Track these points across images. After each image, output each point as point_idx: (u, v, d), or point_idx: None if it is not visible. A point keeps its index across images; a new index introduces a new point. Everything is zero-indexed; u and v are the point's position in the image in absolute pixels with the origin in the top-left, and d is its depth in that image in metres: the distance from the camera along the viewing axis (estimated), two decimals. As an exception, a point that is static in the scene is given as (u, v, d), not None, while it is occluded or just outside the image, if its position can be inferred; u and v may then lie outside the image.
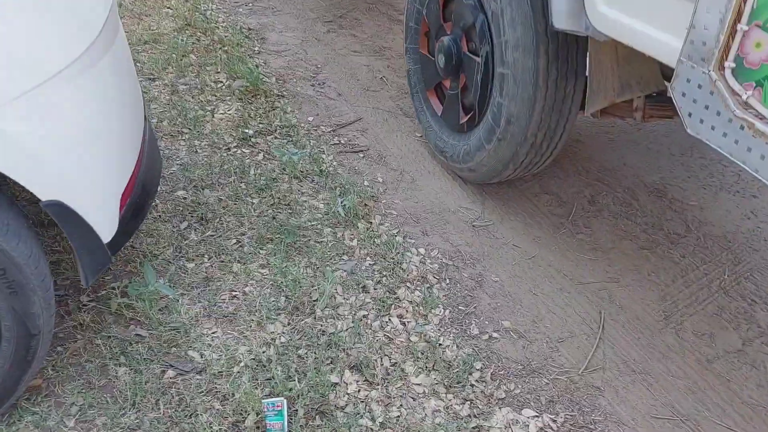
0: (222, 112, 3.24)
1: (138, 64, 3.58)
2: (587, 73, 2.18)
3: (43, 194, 1.46)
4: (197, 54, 3.76)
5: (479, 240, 2.52)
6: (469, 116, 2.59)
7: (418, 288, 2.23)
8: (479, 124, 2.51)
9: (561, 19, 2.00)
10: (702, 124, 1.57)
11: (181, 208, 2.53)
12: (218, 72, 3.60)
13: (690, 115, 1.59)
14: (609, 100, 2.28)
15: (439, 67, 2.71)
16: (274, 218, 2.53)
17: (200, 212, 2.52)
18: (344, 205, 2.52)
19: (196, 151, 2.93)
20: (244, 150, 2.96)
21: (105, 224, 1.61)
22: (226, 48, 3.83)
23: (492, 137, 2.41)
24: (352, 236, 2.46)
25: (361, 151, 3.03)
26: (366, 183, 2.80)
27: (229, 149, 2.96)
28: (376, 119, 3.29)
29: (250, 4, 4.56)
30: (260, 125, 3.13)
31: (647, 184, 2.88)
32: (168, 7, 4.33)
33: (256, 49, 3.91)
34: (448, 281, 2.30)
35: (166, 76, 3.52)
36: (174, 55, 3.70)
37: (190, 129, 3.08)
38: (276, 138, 3.05)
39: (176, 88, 3.40)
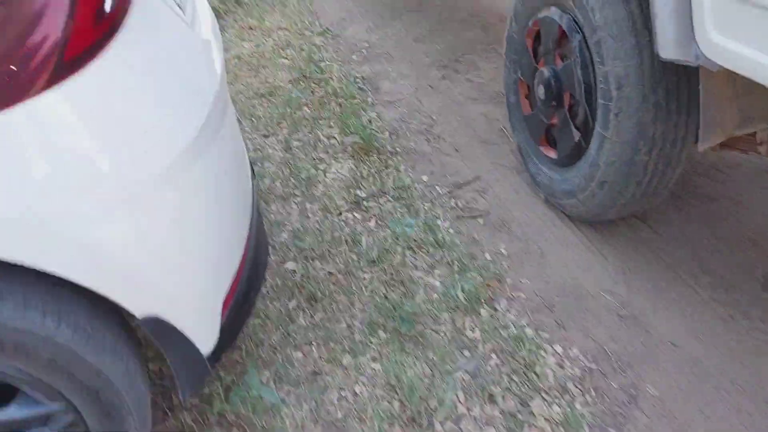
0: (334, 171, 3.10)
1: (253, 119, 3.55)
2: (700, 106, 2.02)
3: (139, 310, 1.33)
4: (311, 107, 3.68)
5: (628, 335, 2.17)
6: (570, 155, 2.49)
7: (557, 401, 1.92)
8: (580, 161, 2.42)
9: (669, 48, 1.88)
10: None
11: (290, 284, 2.39)
12: (331, 126, 3.48)
13: None
14: (727, 133, 2.10)
15: (540, 104, 2.60)
16: (386, 298, 2.32)
17: (309, 289, 2.36)
18: (463, 287, 2.27)
19: (308, 216, 2.80)
20: (356, 215, 2.79)
21: (205, 335, 1.46)
22: (339, 100, 3.73)
23: (593, 178, 2.33)
24: (473, 325, 2.19)
25: (481, 216, 2.77)
26: (488, 257, 2.53)
27: (340, 213, 2.80)
28: (496, 177, 3.02)
29: (364, 51, 4.45)
30: (373, 186, 2.96)
31: (830, 261, 2.40)
32: (284, 57, 4.32)
33: (369, 100, 3.77)
34: (593, 393, 1.97)
35: (281, 132, 3.45)
36: (288, 109, 3.64)
37: (302, 191, 2.96)
38: (389, 201, 2.86)
39: (289, 145, 3.32)
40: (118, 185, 1.27)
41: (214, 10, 5.04)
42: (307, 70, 4.05)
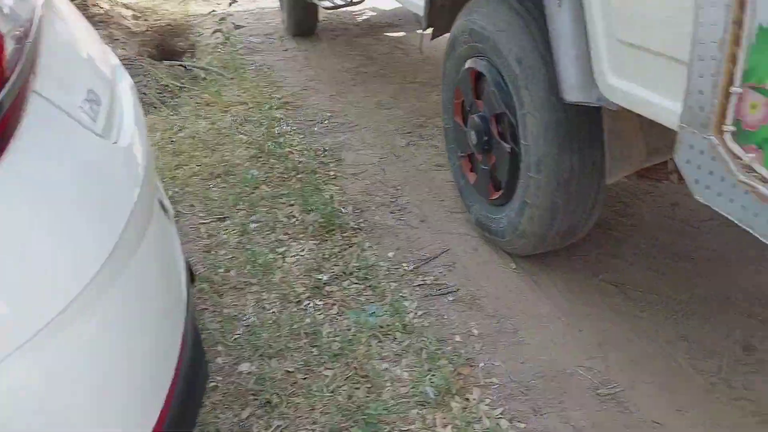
0: (294, 254, 2.94)
1: (208, 202, 3.39)
2: (605, 142, 2.17)
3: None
4: (270, 185, 3.54)
5: (608, 417, 1.99)
6: (500, 194, 2.61)
7: None
8: (508, 204, 2.55)
9: (572, 92, 2.05)
10: (709, 190, 1.53)
11: (243, 389, 2.19)
12: (291, 205, 3.34)
13: (696, 182, 1.56)
14: (636, 166, 2.26)
15: (471, 142, 2.73)
16: (350, 397, 2.12)
17: (265, 394, 2.16)
18: (433, 380, 2.09)
19: (265, 307, 2.62)
20: (317, 302, 2.61)
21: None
22: (300, 176, 3.60)
23: (520, 219, 2.45)
24: (445, 421, 2.00)
25: (450, 292, 2.61)
26: (458, 339, 2.35)
27: (300, 302, 2.62)
28: (464, 249, 2.87)
29: (327, 122, 4.37)
30: (335, 268, 2.80)
31: (818, 319, 2.25)
32: (243, 133, 4.21)
33: (332, 173, 3.65)
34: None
35: (237, 215, 3.29)
36: (246, 188, 3.50)
37: (259, 279, 2.78)
38: (353, 283, 2.69)
39: (246, 228, 3.16)
40: (8, 331, 1.10)
41: (168, 88, 4.98)
42: (266, 146, 3.94)
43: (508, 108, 2.40)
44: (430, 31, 3.18)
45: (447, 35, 2.95)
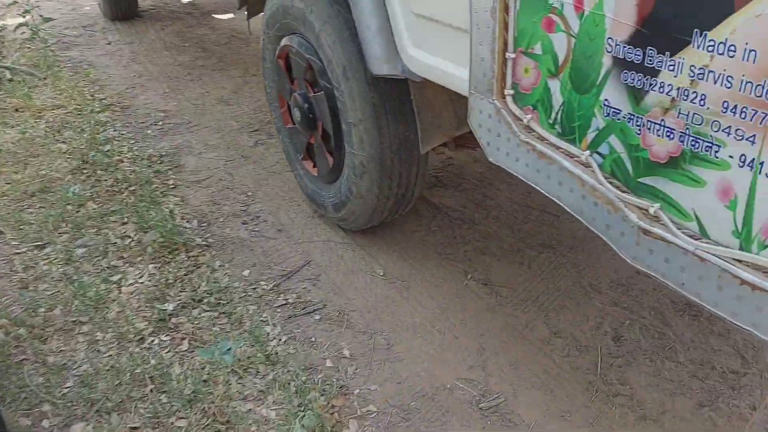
0: (132, 282, 2.54)
1: (22, 227, 2.87)
2: (415, 113, 2.20)
3: None
4: (98, 201, 3.08)
5: (494, 433, 1.88)
6: (332, 164, 2.55)
7: None
8: (341, 175, 2.52)
9: (379, 65, 2.06)
10: (498, 151, 1.62)
11: (76, 462, 1.81)
12: (125, 223, 2.91)
13: (488, 144, 1.65)
14: (448, 135, 2.30)
15: (298, 126, 2.66)
16: (210, 452, 1.83)
17: (105, 462, 1.80)
18: (304, 425, 1.84)
19: (99, 350, 2.22)
20: (162, 338, 2.26)
21: None
22: (133, 188, 3.17)
23: (351, 189, 2.45)
24: (321, 467, 1.77)
25: (316, 310, 2.37)
26: (329, 364, 2.13)
27: (142, 340, 2.25)
28: (328, 258, 2.64)
29: (161, 123, 3.92)
30: (182, 294, 2.45)
31: (674, 301, 2.30)
32: (62, 141, 3.65)
33: (171, 182, 3.25)
34: None
35: (59, 239, 2.81)
36: (69, 207, 3.01)
37: (91, 316, 2.37)
38: (204, 311, 2.37)
39: (72, 255, 2.70)
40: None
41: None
42: (90, 156, 3.43)
43: (326, 84, 2.35)
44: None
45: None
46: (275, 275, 2.55)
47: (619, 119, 1.30)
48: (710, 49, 1.10)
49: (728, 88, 1.09)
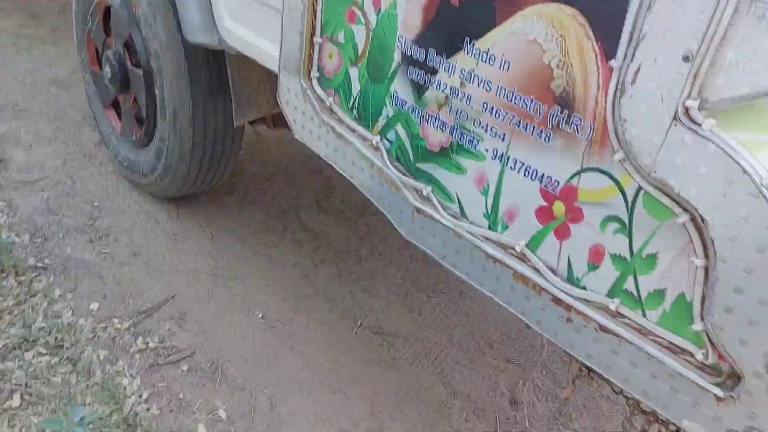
0: (-61, 311, 2.01)
1: None
2: (231, 86, 2.19)
3: None
4: None
5: None
6: (142, 132, 2.50)
7: None
8: (152, 141, 2.47)
9: (194, 33, 2.03)
10: (304, 130, 1.70)
11: None
12: (-71, 230, 2.32)
13: (295, 121, 1.72)
14: (263, 112, 2.31)
15: (108, 81, 2.54)
16: None
17: None
18: None
19: None
20: (-16, 392, 1.79)
21: None
22: (-60, 184, 2.55)
23: (161, 155, 2.41)
24: None
25: (183, 358, 2.04)
26: (201, 430, 1.82)
27: (-45, 394, 1.77)
28: (196, 293, 2.30)
29: (-21, 102, 3.24)
30: (12, 332, 1.98)
31: (564, 360, 2.31)
32: None
33: (-6, 181, 2.67)
34: None
35: None
36: None
37: None
38: (40, 355, 1.93)
39: None
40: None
41: None
42: None
43: (142, 47, 2.29)
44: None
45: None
46: (132, 311, 2.16)
47: (404, 110, 1.43)
48: (476, 56, 1.24)
49: (488, 91, 1.24)
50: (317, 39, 1.57)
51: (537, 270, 1.23)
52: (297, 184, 3.02)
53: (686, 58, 0.94)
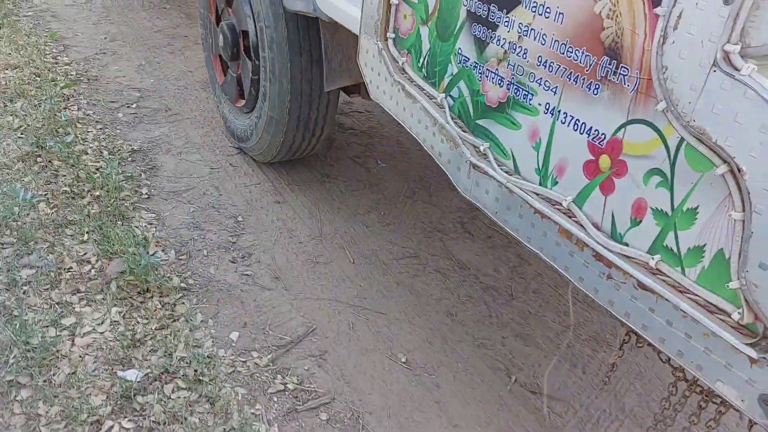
0: (88, 329, 2.01)
1: (-49, 234, 2.27)
2: (324, 52, 2.29)
3: None
4: (52, 205, 2.50)
5: None
6: (247, 98, 2.69)
7: None
8: (255, 107, 2.65)
9: (293, 1, 2.13)
10: (378, 90, 1.80)
11: None
12: (84, 241, 2.35)
13: (371, 82, 1.82)
14: (353, 79, 2.38)
15: (219, 44, 2.78)
16: None
17: None
18: None
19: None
20: (124, 425, 1.74)
21: None
22: (98, 193, 2.59)
23: (261, 120, 2.59)
24: None
25: (323, 405, 1.89)
26: (342, 495, 1.67)
27: (98, 426, 1.74)
28: (338, 327, 2.15)
29: (135, 106, 3.31)
30: (152, 359, 1.93)
31: None
32: (13, 114, 3.02)
33: (144, 191, 2.68)
34: None
35: (0, 254, 2.23)
36: (14, 206, 2.42)
37: (32, 375, 1.83)
38: (180, 388, 1.86)
39: (14, 279, 2.13)
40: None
41: None
42: (46, 139, 2.83)
43: (251, 17, 2.46)
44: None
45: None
46: (271, 344, 2.06)
47: (467, 67, 1.47)
48: (533, 9, 1.26)
49: (542, 44, 1.25)
50: (394, 1, 1.64)
51: (581, 225, 1.24)
52: (440, 203, 2.81)
53: (727, 1, 0.91)
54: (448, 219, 2.71)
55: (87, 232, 2.38)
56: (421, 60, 1.61)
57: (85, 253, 2.30)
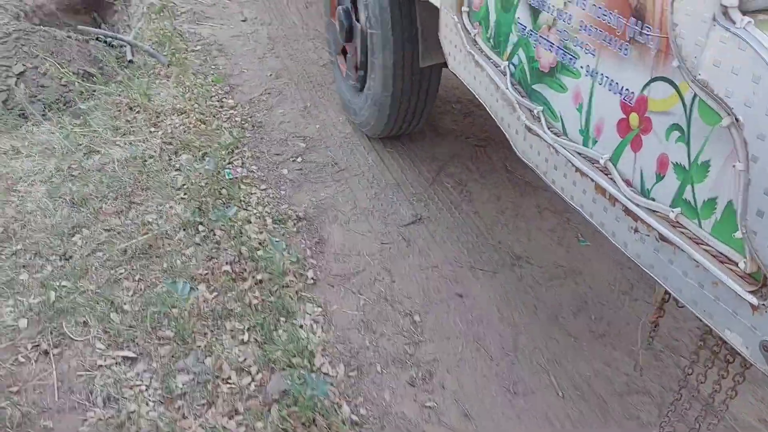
0: (247, 474, 1.68)
1: (110, 321, 2.06)
2: (419, 28, 2.44)
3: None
4: (211, 288, 2.23)
5: None
6: (359, 76, 2.89)
7: None
8: (366, 85, 2.84)
9: None
10: (455, 60, 1.92)
11: None
12: (244, 342, 2.05)
13: (449, 54, 1.96)
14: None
15: (337, 31, 3.00)
16: None
17: None
18: None
19: None
20: None
21: None
22: (260, 276, 2.29)
23: (370, 96, 2.79)
24: None
25: None
26: None
27: None
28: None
29: (299, 160, 3.02)
30: None
31: None
32: (178, 170, 2.83)
33: (310, 274, 2.35)
34: None
35: (157, 353, 1.99)
36: (174, 296, 2.17)
37: None
38: None
39: (170, 385, 1.87)
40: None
41: (68, 83, 3.47)
42: (209, 203, 2.59)
43: (362, 2, 2.63)
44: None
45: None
46: None
47: (524, 35, 1.58)
48: None
49: (583, 9, 1.34)
50: None
51: (614, 181, 1.30)
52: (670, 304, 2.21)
53: (727, -44, 0.96)
54: (683, 331, 2.11)
55: (248, 330, 2.09)
56: (489, 31, 1.74)
57: (245, 359, 1.99)
